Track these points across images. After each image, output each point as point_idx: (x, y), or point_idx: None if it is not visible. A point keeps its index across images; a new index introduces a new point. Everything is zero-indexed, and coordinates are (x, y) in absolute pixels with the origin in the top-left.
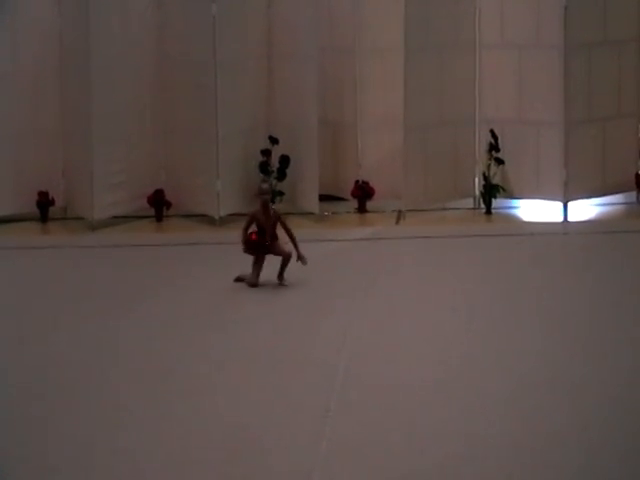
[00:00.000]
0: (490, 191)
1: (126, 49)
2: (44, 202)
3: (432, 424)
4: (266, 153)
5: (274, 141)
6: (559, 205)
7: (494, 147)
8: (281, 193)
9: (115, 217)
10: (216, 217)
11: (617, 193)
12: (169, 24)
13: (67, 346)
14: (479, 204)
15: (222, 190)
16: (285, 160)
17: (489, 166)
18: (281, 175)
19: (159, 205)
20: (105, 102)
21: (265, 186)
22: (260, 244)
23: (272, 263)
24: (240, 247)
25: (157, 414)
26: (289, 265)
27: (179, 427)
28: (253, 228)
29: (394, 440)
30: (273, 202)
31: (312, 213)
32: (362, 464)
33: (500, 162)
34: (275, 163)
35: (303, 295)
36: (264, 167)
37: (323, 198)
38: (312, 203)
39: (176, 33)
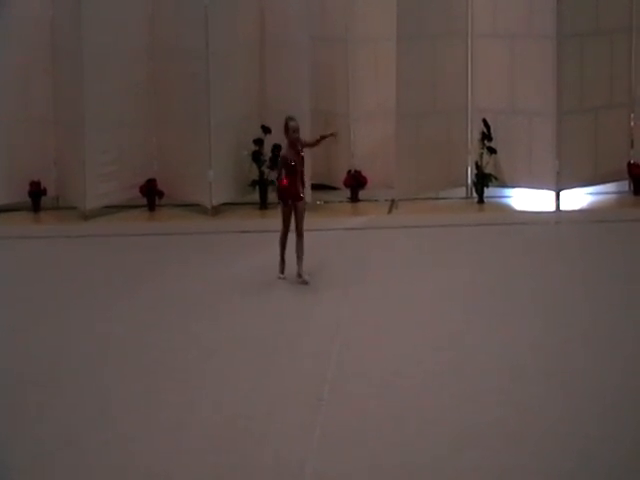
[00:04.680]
0: (482, 180)
1: (118, 39)
2: (36, 192)
3: (425, 413)
4: (259, 142)
5: (266, 130)
6: (551, 194)
7: (486, 136)
8: (273, 182)
9: (107, 207)
10: (208, 206)
11: (609, 182)
12: (161, 13)
13: (59, 334)
14: (471, 193)
15: (214, 179)
16: (277, 149)
17: (481, 155)
18: (274, 164)
19: (151, 194)
20: (97, 91)
21: (293, 124)
22: (291, 191)
23: (269, 265)
24: None
25: (149, 403)
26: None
27: (172, 416)
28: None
29: (387, 429)
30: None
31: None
32: (355, 453)
33: (492, 151)
34: (268, 152)
35: (297, 284)
36: (257, 156)
37: (316, 187)
38: (305, 192)
39: (168, 22)
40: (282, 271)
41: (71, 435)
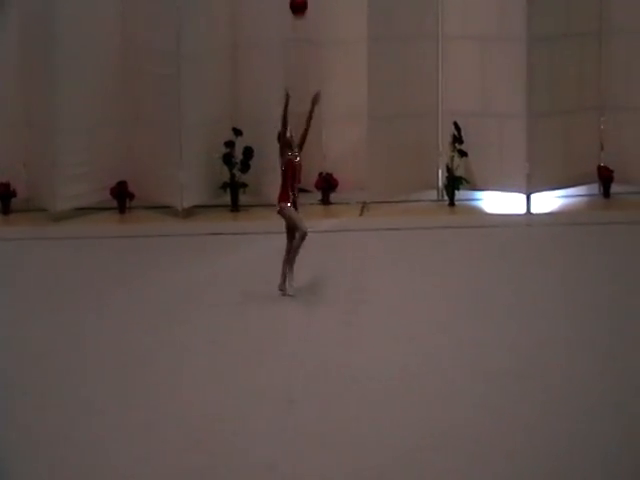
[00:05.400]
0: (453, 183)
1: (89, 40)
2: (6, 193)
3: (398, 414)
4: (230, 145)
5: (238, 133)
6: (522, 197)
7: (457, 139)
8: (245, 185)
9: (78, 209)
10: (180, 209)
11: (580, 185)
12: (133, 15)
13: (30, 338)
14: (442, 196)
15: (186, 182)
16: (249, 152)
17: (452, 158)
18: (245, 167)
19: (122, 197)
20: (67, 93)
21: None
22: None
23: (241, 268)
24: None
25: (122, 404)
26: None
27: (144, 417)
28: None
29: (359, 430)
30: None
31: (276, 205)
32: (327, 454)
33: (463, 154)
34: (239, 155)
35: (269, 286)
36: (228, 159)
37: None
38: (276, 194)
39: (140, 24)
40: (286, 289)
41: (46, 436)
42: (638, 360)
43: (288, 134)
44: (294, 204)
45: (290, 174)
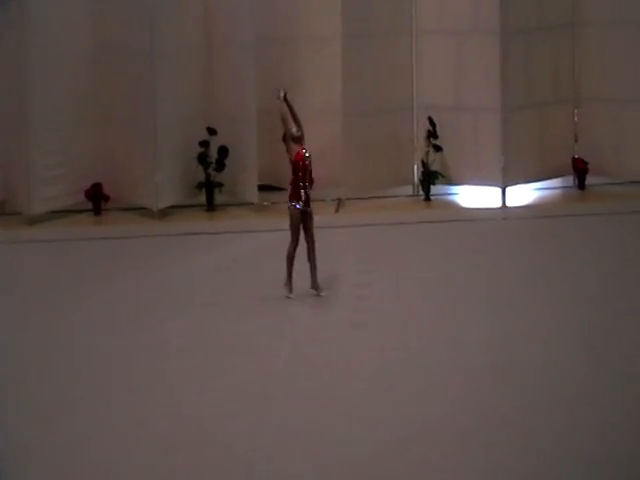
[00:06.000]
0: (429, 178)
1: (62, 41)
2: None
3: (375, 410)
4: (205, 144)
5: (212, 132)
6: (497, 190)
7: (432, 134)
8: (220, 184)
9: (53, 212)
10: (155, 209)
11: (555, 177)
12: (106, 15)
13: (8, 340)
14: (418, 191)
15: (161, 182)
16: (224, 151)
17: (428, 153)
18: (220, 166)
19: (97, 199)
20: (41, 94)
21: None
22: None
23: (217, 267)
24: None
25: (101, 404)
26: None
27: (124, 416)
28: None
29: (335, 428)
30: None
31: (252, 203)
32: (304, 453)
33: (438, 149)
34: (214, 154)
35: (248, 284)
36: (203, 158)
37: (263, 188)
38: (252, 193)
39: (113, 24)
40: (291, 290)
41: (24, 436)
42: (616, 352)
43: (295, 130)
44: (306, 201)
45: (301, 170)
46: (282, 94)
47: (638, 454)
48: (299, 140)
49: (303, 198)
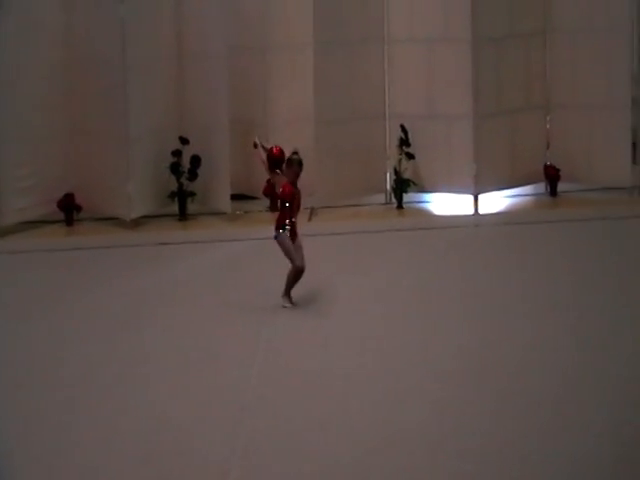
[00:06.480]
0: (401, 186)
1: (33, 51)
2: None
3: (347, 417)
4: (177, 154)
5: (184, 141)
6: (470, 198)
7: (404, 142)
8: (192, 194)
9: (24, 222)
10: (128, 219)
11: (526, 184)
12: (77, 25)
13: None
14: (391, 199)
15: (133, 192)
16: (196, 160)
17: (400, 161)
18: (192, 175)
19: (69, 209)
20: (12, 105)
21: (297, 157)
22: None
23: (190, 277)
24: None
25: (75, 413)
26: None
27: (98, 425)
28: None
29: (310, 434)
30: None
31: (224, 213)
32: (279, 459)
33: (411, 157)
34: (186, 164)
35: (218, 293)
36: (175, 168)
37: (235, 197)
38: (224, 202)
39: (84, 34)
40: (290, 301)
41: None
42: (588, 357)
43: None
44: (293, 232)
45: (289, 202)
46: (256, 141)
47: (617, 459)
48: (287, 165)
49: (289, 227)
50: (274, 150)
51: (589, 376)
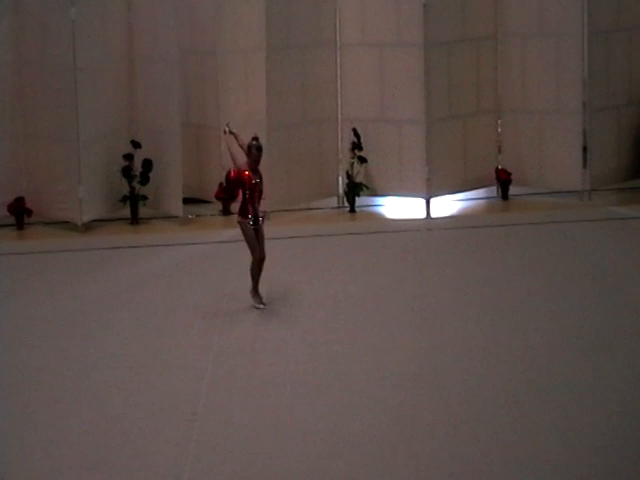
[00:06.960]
0: (354, 189)
1: None
2: None
3: (299, 423)
4: (128, 157)
5: (136, 145)
6: (422, 201)
7: (357, 146)
8: (144, 197)
9: None
10: (79, 223)
11: (478, 188)
12: (27, 28)
13: None
14: (343, 203)
15: (84, 196)
16: (148, 164)
17: (352, 165)
18: (144, 179)
19: (20, 213)
20: None
21: (257, 143)
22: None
23: (141, 281)
24: None
25: (21, 422)
26: None
27: (45, 434)
28: None
29: (262, 440)
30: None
31: (176, 216)
32: (231, 465)
33: (363, 160)
34: (138, 167)
35: (173, 297)
36: (127, 171)
37: (187, 201)
38: (176, 206)
39: (34, 37)
40: (261, 301)
41: None
42: (539, 358)
43: (241, 161)
44: (255, 219)
45: (247, 189)
46: (226, 128)
47: (572, 464)
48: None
49: (251, 215)
50: (231, 173)
51: (540, 378)
